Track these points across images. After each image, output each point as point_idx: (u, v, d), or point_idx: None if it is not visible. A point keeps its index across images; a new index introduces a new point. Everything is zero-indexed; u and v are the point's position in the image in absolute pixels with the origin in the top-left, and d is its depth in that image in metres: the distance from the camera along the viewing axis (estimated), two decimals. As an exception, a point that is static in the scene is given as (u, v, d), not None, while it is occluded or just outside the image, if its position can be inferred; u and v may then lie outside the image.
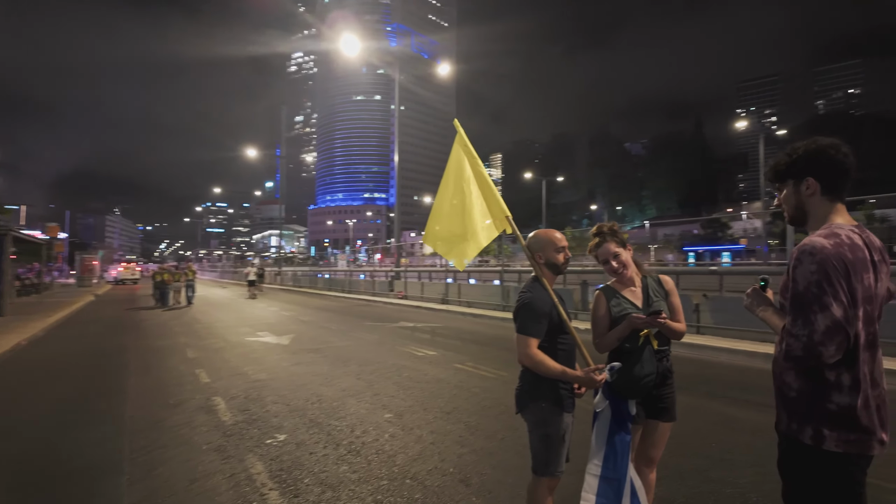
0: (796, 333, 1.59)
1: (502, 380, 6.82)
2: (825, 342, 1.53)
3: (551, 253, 2.58)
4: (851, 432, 1.60)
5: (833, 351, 1.54)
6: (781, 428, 1.79)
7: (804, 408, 1.68)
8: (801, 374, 1.71)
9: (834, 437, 1.61)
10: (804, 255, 1.62)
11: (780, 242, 45.49)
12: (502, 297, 16.00)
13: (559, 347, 2.50)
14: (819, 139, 1.80)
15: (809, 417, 1.66)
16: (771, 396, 5.48)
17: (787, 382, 1.75)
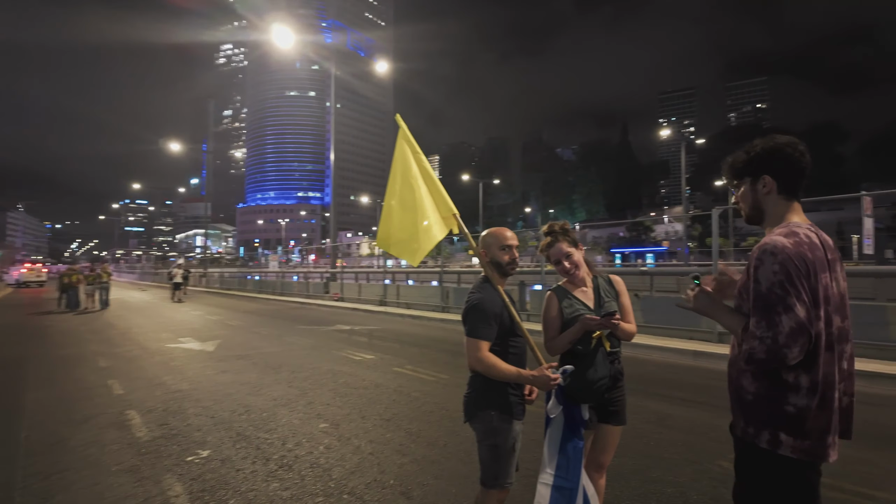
0: (760, 336, 1.54)
1: (442, 383, 6.68)
2: (789, 344, 1.49)
3: (496, 251, 2.46)
4: (807, 437, 1.58)
5: (796, 353, 1.51)
6: (738, 432, 1.74)
7: (761, 412, 1.65)
8: (758, 377, 1.66)
9: (790, 441, 1.58)
10: (766, 255, 1.58)
11: (698, 245, 48.55)
12: (441, 298, 15.91)
13: (511, 351, 2.38)
14: (776, 137, 1.77)
15: (767, 422, 1.63)
16: (702, 393, 5.64)
17: (744, 386, 1.71)
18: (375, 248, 26.65)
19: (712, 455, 4.10)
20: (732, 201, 1.92)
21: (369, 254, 66.30)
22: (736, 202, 1.89)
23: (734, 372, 1.78)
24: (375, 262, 30.93)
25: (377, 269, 24.78)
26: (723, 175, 1.92)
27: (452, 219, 2.67)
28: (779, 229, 1.68)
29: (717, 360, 7.79)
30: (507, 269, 2.47)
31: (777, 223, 1.74)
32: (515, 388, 2.38)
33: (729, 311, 1.77)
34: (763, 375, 1.64)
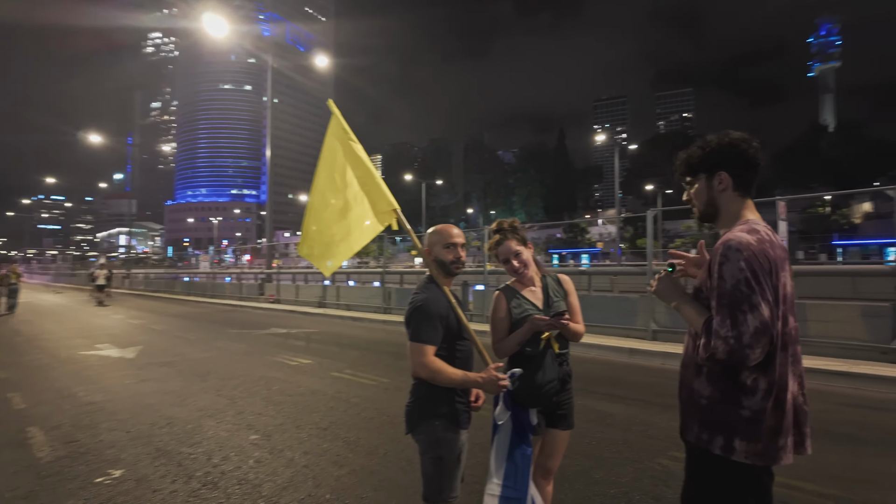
0: (725, 335, 1.47)
1: (383, 387, 6.47)
2: (753, 344, 1.44)
3: (440, 249, 2.31)
4: (760, 441, 1.53)
5: (758, 354, 1.47)
6: (690, 438, 1.68)
7: (715, 416, 1.59)
8: (713, 380, 1.61)
9: (744, 447, 1.54)
10: (731, 252, 1.52)
11: (630, 246, 50.71)
12: (383, 299, 15.63)
13: (457, 355, 2.24)
14: (730, 132, 1.73)
15: (721, 426, 1.57)
16: (638, 391, 5.67)
17: (697, 389, 1.65)
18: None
19: (651, 453, 4.15)
20: (684, 199, 1.85)
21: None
22: (688, 199, 1.84)
23: (688, 375, 1.71)
24: (314, 263, 30.10)
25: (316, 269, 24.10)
26: (676, 171, 1.86)
27: (392, 214, 2.49)
28: (739, 226, 1.64)
29: (652, 357, 8.04)
30: (452, 269, 2.33)
31: (732, 221, 1.70)
32: (462, 395, 2.24)
33: (691, 302, 1.71)
34: (719, 378, 1.59)
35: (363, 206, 2.48)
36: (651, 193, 64.50)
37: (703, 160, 1.73)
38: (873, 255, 35.92)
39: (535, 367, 2.35)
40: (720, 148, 1.70)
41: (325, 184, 2.48)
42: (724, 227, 1.73)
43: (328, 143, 2.52)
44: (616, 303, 9.91)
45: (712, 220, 1.77)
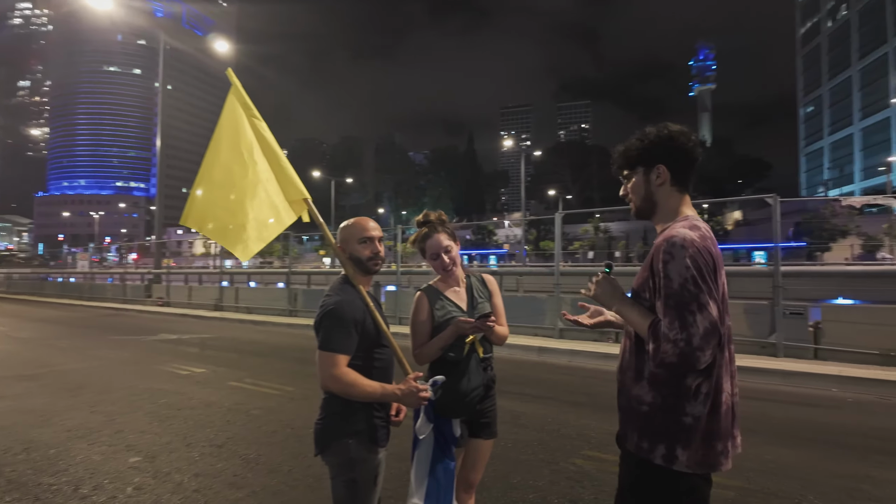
0: (674, 338, 1.38)
1: (288, 396, 6.02)
2: (703, 346, 1.36)
3: (354, 245, 2.07)
4: (701, 448, 1.47)
5: (709, 356, 1.39)
6: (629, 447, 1.58)
7: (657, 423, 1.51)
8: (656, 386, 1.52)
9: (685, 455, 1.46)
10: (676, 249, 1.44)
11: (534, 248, 52.85)
12: (289, 301, 14.83)
13: (375, 364, 2.01)
14: (669, 125, 1.66)
15: (663, 434, 1.49)
16: (549, 389, 5.64)
17: (638, 395, 1.56)
18: (213, 246, 23.76)
19: (566, 453, 4.16)
20: (621, 193, 1.78)
21: (204, 253, 60.36)
22: (625, 194, 1.76)
23: (626, 380, 1.62)
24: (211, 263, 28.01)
25: (213, 269, 22.42)
26: (613, 163, 1.78)
27: (302, 204, 2.19)
28: (680, 222, 1.57)
29: (560, 354, 8.26)
30: (370, 266, 2.09)
31: (670, 216, 1.64)
32: (380, 409, 2.01)
33: (633, 304, 1.61)
34: (662, 383, 1.51)
35: (274, 189, 2.17)
36: (553, 198, 67.69)
37: (642, 153, 1.66)
38: (742, 259, 40.33)
39: (459, 373, 2.19)
40: (659, 140, 1.62)
41: (228, 153, 2.12)
42: (660, 223, 1.66)
43: (230, 111, 2.17)
44: (525, 302, 10.11)
45: (649, 215, 1.70)
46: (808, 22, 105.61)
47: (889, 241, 33.41)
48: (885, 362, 6.68)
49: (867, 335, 6.89)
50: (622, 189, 1.77)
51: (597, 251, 48.03)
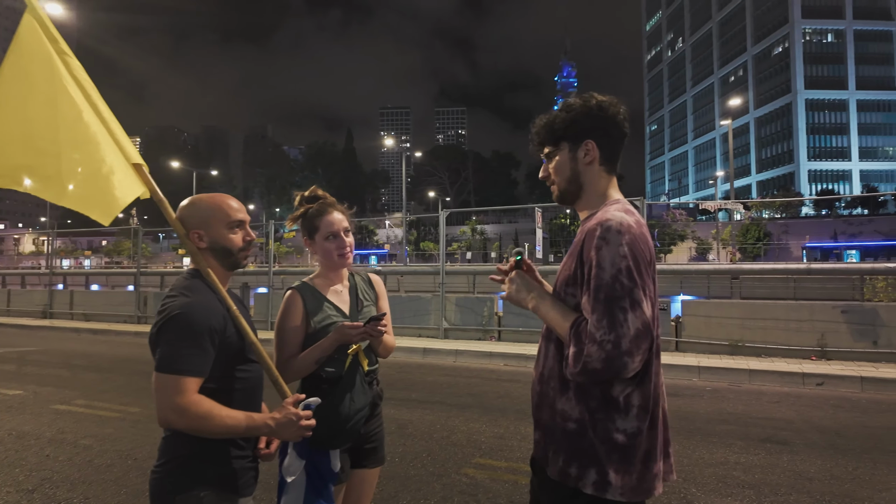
0: (601, 339, 1.15)
1: (132, 419, 5.05)
2: (633, 351, 1.15)
3: (221, 230, 1.55)
4: (636, 471, 1.25)
5: (638, 362, 1.18)
6: (553, 474, 1.30)
7: (587, 444, 1.24)
8: (585, 398, 1.27)
9: (620, 480, 1.23)
10: (611, 234, 1.21)
11: (414, 248, 53.15)
12: (137, 305, 12.99)
13: (237, 387, 1.51)
14: (595, 94, 1.41)
15: (593, 457, 1.24)
16: (435, 392, 5.32)
17: (564, 410, 1.29)
18: (45, 244, 19.99)
19: (457, 463, 3.92)
20: (541, 175, 1.53)
21: (35, 251, 51.70)
22: (545, 176, 1.49)
23: (549, 391, 1.35)
24: (42, 263, 23.96)
25: (44, 270, 19.10)
26: (533, 139, 1.51)
27: (136, 173, 1.59)
28: (612, 206, 1.34)
29: (445, 355, 8.09)
30: (240, 259, 1.60)
31: (598, 201, 1.41)
32: (244, 447, 1.52)
33: (552, 300, 1.36)
34: (592, 395, 1.26)
35: (108, 143, 1.54)
36: (433, 200, 68.77)
37: (570, 126, 1.40)
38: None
39: (339, 393, 1.78)
40: (588, 111, 1.39)
41: (24, 87, 1.47)
42: (586, 209, 1.43)
43: (30, 35, 1.50)
44: (409, 303, 9.83)
45: (574, 199, 1.46)
46: (653, 50, 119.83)
47: (717, 244, 38.71)
48: (733, 352, 7.46)
49: (717, 328, 7.64)
50: (542, 170, 1.50)
51: (474, 252, 49.62)
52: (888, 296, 7.79)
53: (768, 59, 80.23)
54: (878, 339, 6.98)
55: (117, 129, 1.56)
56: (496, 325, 8.87)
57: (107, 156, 1.50)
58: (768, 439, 4.42)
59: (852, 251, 40.96)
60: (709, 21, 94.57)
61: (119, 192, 1.50)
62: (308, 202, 1.98)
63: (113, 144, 1.53)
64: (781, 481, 3.57)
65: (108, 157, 1.50)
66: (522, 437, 4.48)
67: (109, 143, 1.52)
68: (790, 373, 6.46)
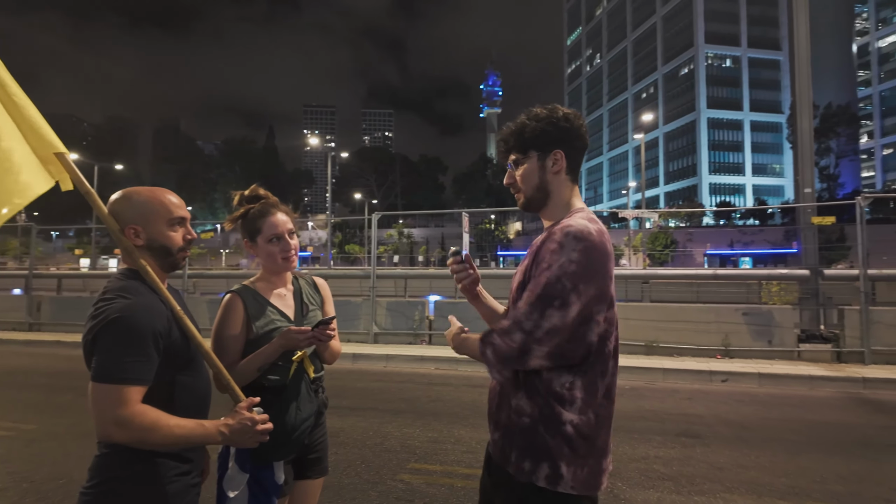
0: (523, 326, 1.27)
1: (26, 438, 4.53)
2: (543, 341, 1.26)
3: (160, 227, 1.44)
4: (586, 466, 1.32)
5: (542, 354, 1.27)
6: (510, 469, 1.34)
7: (539, 438, 1.30)
8: (531, 393, 1.33)
9: (571, 473, 1.30)
10: (569, 240, 1.30)
11: (339, 251, 52.10)
12: (29, 311, 11.70)
13: (184, 392, 1.41)
14: (557, 106, 1.47)
15: (546, 450, 1.30)
16: (367, 398, 5.28)
17: (519, 407, 1.35)
18: None
19: (392, 469, 3.87)
20: (506, 182, 1.56)
21: None
22: (511, 182, 1.53)
23: (509, 389, 1.39)
24: None
25: None
26: (499, 146, 1.55)
27: (56, 162, 1.41)
28: (577, 214, 1.41)
29: (375, 360, 7.97)
30: (179, 258, 1.49)
31: (562, 209, 1.47)
32: (191, 458, 1.42)
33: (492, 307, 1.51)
34: (538, 390, 1.32)
35: (14, 135, 1.34)
36: (359, 202, 67.80)
37: (539, 135, 1.44)
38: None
39: (284, 402, 1.72)
40: (556, 122, 1.44)
41: None
42: (550, 218, 1.48)
43: None
44: (339, 307, 9.55)
45: (539, 207, 1.50)
46: (573, 64, 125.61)
47: (628, 250, 41.17)
48: (649, 352, 7.93)
49: (634, 330, 8.11)
50: (507, 177, 1.54)
51: (401, 255, 49.44)
52: (781, 299, 8.63)
53: (676, 78, 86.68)
54: (773, 338, 7.71)
55: (25, 114, 1.37)
56: (427, 329, 8.87)
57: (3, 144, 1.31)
58: (683, 433, 4.74)
59: (746, 258, 45.19)
60: (624, 40, 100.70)
61: (19, 189, 1.30)
62: (249, 202, 1.89)
63: (15, 131, 1.34)
64: (696, 472, 3.83)
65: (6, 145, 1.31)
66: (456, 441, 4.50)
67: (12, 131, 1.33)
68: (699, 371, 6.97)
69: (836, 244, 23.48)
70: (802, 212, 8.48)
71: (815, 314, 7.85)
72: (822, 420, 5.23)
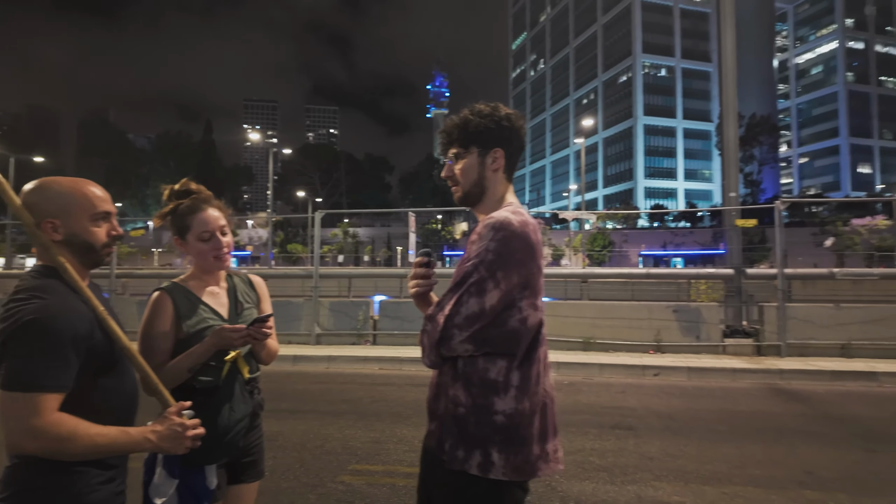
0: (445, 311, 1.34)
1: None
2: (462, 327, 1.32)
3: (82, 222, 1.35)
4: (518, 450, 1.36)
5: (462, 339, 1.33)
6: (444, 458, 1.38)
7: (472, 426, 1.35)
8: (467, 383, 1.37)
9: (503, 460, 1.34)
10: (487, 230, 1.36)
11: (280, 250, 50.67)
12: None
13: (107, 398, 1.33)
14: (500, 105, 1.52)
15: (478, 438, 1.34)
16: (307, 401, 5.21)
17: (455, 396, 1.38)
18: None
19: (332, 471, 3.82)
20: (444, 175, 1.59)
21: None
22: (449, 175, 1.55)
23: (447, 380, 1.42)
24: None
25: None
26: (442, 138, 1.58)
27: None
28: (504, 208, 1.46)
29: (317, 362, 7.82)
30: (103, 255, 1.40)
31: (496, 204, 1.51)
32: (114, 466, 1.34)
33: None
34: (473, 381, 1.36)
35: None
36: (302, 200, 66.23)
37: (483, 132, 1.48)
38: (466, 263, 46.22)
39: (216, 403, 1.67)
40: (499, 121, 1.48)
41: None
42: (484, 213, 1.52)
43: None
44: (278, 308, 9.28)
45: (476, 202, 1.54)
46: (518, 68, 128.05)
47: (568, 250, 42.45)
48: (586, 348, 8.21)
49: (573, 327, 8.37)
50: (446, 170, 1.56)
51: (346, 255, 48.67)
52: (708, 296, 9.17)
53: (615, 86, 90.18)
54: (700, 333, 8.17)
55: None
56: (372, 329, 8.78)
57: None
58: (617, 426, 4.94)
59: (678, 258, 47.69)
60: (567, 46, 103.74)
61: None
62: (179, 197, 1.81)
63: None
64: (629, 463, 4.01)
65: None
66: (399, 440, 4.48)
67: None
68: (633, 365, 7.29)
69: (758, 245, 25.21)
70: (728, 215, 9.05)
71: (738, 311, 8.39)
72: (743, 410, 5.60)
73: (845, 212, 48.59)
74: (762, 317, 8.18)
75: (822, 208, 50.88)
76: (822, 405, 5.79)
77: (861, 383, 6.72)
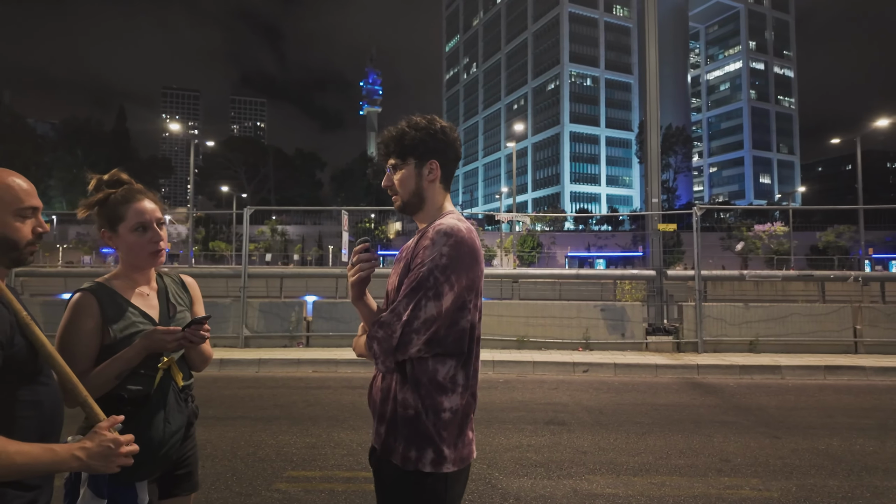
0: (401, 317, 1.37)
1: None
2: (420, 330, 1.37)
3: (6, 217, 1.22)
4: (461, 441, 1.46)
5: (422, 342, 1.38)
6: (395, 460, 1.42)
7: (423, 427, 1.40)
8: (416, 386, 1.42)
9: (453, 454, 1.42)
10: (439, 236, 1.42)
11: (202, 248, 48.12)
12: None
13: (28, 412, 1.20)
14: (436, 118, 1.59)
15: (429, 438, 1.40)
16: (236, 406, 5.04)
17: (404, 399, 1.43)
18: None
19: (266, 480, 3.66)
20: (384, 184, 1.65)
21: None
22: (389, 184, 1.62)
23: (393, 384, 1.45)
24: None
25: None
26: (380, 149, 1.64)
27: None
28: (448, 216, 1.53)
29: (245, 366, 7.46)
30: (26, 254, 1.26)
31: (436, 213, 1.59)
32: (38, 485, 1.20)
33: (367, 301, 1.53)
34: (422, 383, 1.42)
35: None
36: (226, 195, 63.20)
37: (419, 144, 1.55)
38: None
39: (149, 414, 1.54)
40: (434, 134, 1.56)
41: None
42: (424, 221, 1.59)
43: None
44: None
45: (415, 211, 1.61)
46: (451, 71, 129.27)
47: (500, 251, 43.42)
48: (520, 346, 8.41)
49: (507, 326, 8.54)
50: (385, 179, 1.62)
51: (274, 253, 46.95)
52: (632, 296, 9.67)
53: (544, 93, 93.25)
54: (625, 331, 8.60)
55: None
56: (305, 331, 8.50)
57: None
58: (551, 422, 5.09)
59: (601, 260, 50.03)
60: (498, 52, 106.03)
61: None
62: (110, 186, 1.66)
63: None
64: (564, 457, 4.14)
65: None
66: (336, 445, 4.37)
67: None
68: (563, 363, 7.54)
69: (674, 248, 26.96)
70: (651, 219, 9.59)
71: (659, 310, 8.92)
72: (664, 403, 5.94)
73: (749, 218, 53.13)
74: (681, 315, 8.74)
75: (728, 215, 55.26)
76: (733, 397, 6.26)
77: (766, 376, 7.35)
